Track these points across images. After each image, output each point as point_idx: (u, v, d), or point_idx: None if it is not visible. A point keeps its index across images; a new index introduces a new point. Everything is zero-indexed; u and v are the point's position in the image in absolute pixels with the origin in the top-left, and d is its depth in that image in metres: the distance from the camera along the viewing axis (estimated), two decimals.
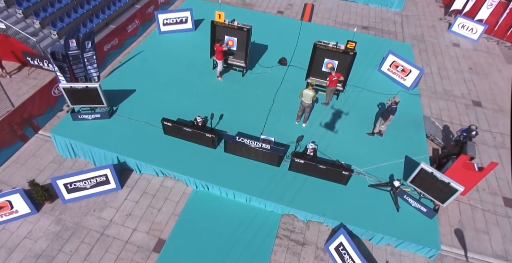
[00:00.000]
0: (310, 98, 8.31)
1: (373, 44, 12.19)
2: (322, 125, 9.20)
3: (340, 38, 9.37)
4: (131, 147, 8.30)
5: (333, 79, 8.98)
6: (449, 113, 10.80)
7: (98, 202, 8.10)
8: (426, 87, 11.64)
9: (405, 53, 11.68)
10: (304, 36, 12.14)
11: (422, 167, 6.94)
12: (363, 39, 12.29)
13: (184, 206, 7.97)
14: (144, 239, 7.48)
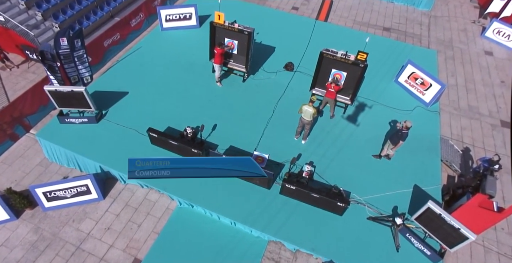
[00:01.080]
0: (309, 115, 7.48)
1: (393, 49, 11.00)
2: (324, 143, 8.35)
3: (356, 43, 8.26)
4: (116, 156, 7.81)
5: (329, 90, 8.09)
6: (472, 134, 9.62)
7: (78, 212, 7.75)
8: (448, 101, 10.43)
9: (428, 62, 10.48)
10: (316, 38, 11.12)
11: (429, 206, 6.04)
12: (382, 44, 11.16)
13: (166, 224, 7.46)
14: (119, 258, 7.07)
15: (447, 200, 7.81)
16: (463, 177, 8.34)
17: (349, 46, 8.37)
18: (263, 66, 10.08)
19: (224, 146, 8.08)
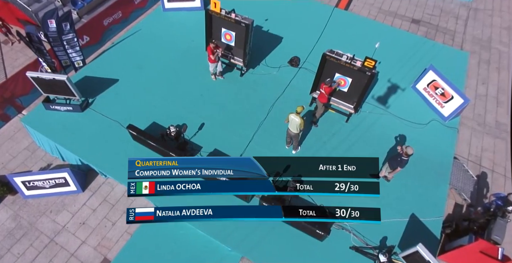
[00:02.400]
0: (295, 127, 6.69)
1: (418, 48, 9.60)
2: (318, 154, 7.55)
3: (376, 38, 7.06)
4: (96, 150, 7.49)
5: (321, 91, 7.19)
6: (493, 157, 8.40)
7: (57, 203, 7.67)
8: (472, 115, 9.12)
9: (457, 65, 9.08)
10: (331, 30, 9.89)
11: (418, 250, 5.29)
12: (406, 40, 9.76)
13: (139, 226, 7.21)
14: (89, 255, 6.98)
15: (448, 233, 6.95)
16: (472, 208, 7.38)
17: (367, 42, 7.23)
18: (266, 59, 9.14)
19: (208, 149, 7.53)
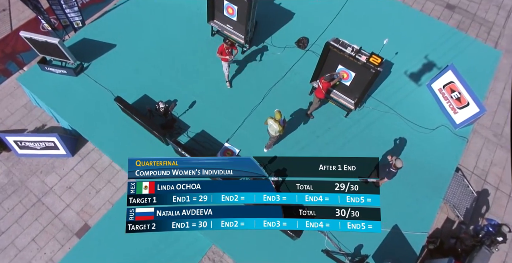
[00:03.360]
0: (274, 131, 6.28)
1: (446, 39, 8.47)
2: (307, 149, 7.17)
3: (401, 23, 6.27)
4: (85, 117, 7.44)
5: (318, 85, 6.62)
6: (502, 173, 7.68)
7: (47, 164, 7.90)
8: (490, 123, 8.24)
9: (485, 65, 8.02)
10: (349, 10, 8.81)
11: None
12: (434, 29, 8.61)
13: (121, 198, 7.37)
14: (72, 219, 7.30)
15: (432, 248, 6.65)
16: (464, 225, 6.95)
17: (388, 28, 6.46)
18: (272, 37, 8.40)
19: (195, 129, 7.31)
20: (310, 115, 7.41)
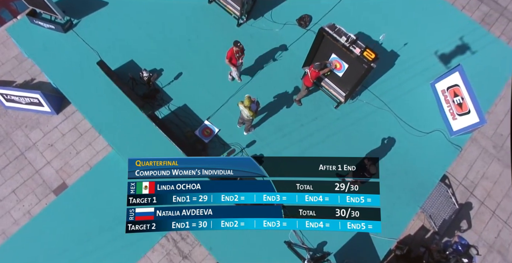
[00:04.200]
0: (246, 115, 6.03)
1: (465, 34, 7.43)
2: (289, 137, 6.89)
3: (417, 10, 5.60)
4: (70, 78, 7.29)
5: (307, 73, 6.17)
6: (492, 188, 7.25)
7: (32, 120, 7.97)
8: (493, 133, 7.61)
9: (502, 67, 7.20)
10: None
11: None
12: (454, 21, 7.60)
13: (99, 162, 7.47)
14: (51, 176, 7.52)
15: (398, 254, 6.57)
16: (438, 236, 6.78)
17: (402, 13, 5.79)
18: (272, 11, 7.67)
19: (177, 103, 7.09)
20: (298, 102, 7.02)
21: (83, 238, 6.90)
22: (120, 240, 6.92)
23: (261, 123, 7.01)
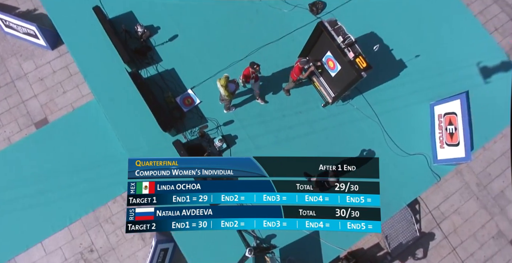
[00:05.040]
0: (221, 94, 5.84)
1: (486, 59, 6.58)
2: (267, 124, 6.66)
3: (444, 23, 4.98)
4: (67, 16, 7.10)
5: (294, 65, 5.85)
6: (462, 225, 6.94)
7: (28, 50, 8.00)
8: (481, 171, 7.12)
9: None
10: None
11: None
12: (479, 43, 6.76)
13: (82, 106, 7.57)
14: (35, 110, 7.71)
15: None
16: (390, 256, 6.74)
17: (425, 21, 5.34)
18: None
19: (166, 65, 6.90)
20: (286, 92, 6.71)
21: (52, 174, 7.25)
22: (85, 184, 7.27)
23: (244, 105, 6.80)
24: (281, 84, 6.74)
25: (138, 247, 7.40)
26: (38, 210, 7.13)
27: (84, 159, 7.28)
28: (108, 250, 7.33)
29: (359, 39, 5.43)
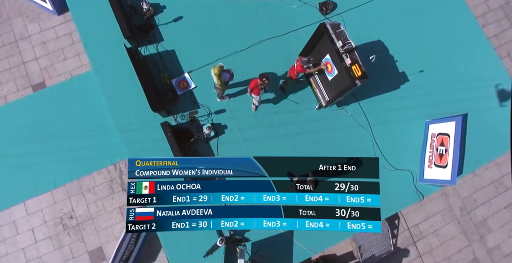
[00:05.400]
0: (214, 82, 5.77)
1: (493, 84, 6.37)
2: (259, 118, 6.59)
3: (460, 44, 4.82)
4: None
5: (294, 64, 5.68)
6: (438, 247, 6.88)
7: (35, 12, 7.96)
8: (467, 195, 6.97)
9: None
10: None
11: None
12: (489, 67, 6.48)
13: (80, 75, 7.59)
14: (34, 72, 7.75)
15: None
16: None
17: (441, 40, 5.10)
18: None
19: (167, 46, 6.78)
20: (282, 89, 6.58)
21: (42, 138, 7.36)
22: (73, 152, 7.38)
23: (238, 96, 6.71)
24: (279, 80, 6.60)
25: (116, 220, 7.54)
26: (25, 171, 7.28)
27: (75, 128, 7.35)
28: (87, 219, 7.48)
29: (363, 47, 5.26)
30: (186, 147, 6.51)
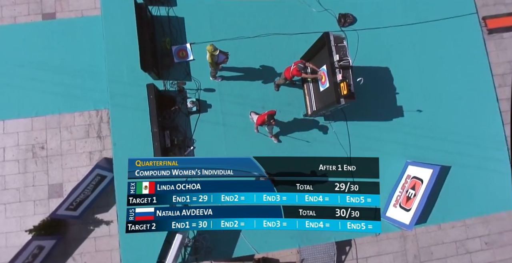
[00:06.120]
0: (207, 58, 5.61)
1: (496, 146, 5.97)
2: (240, 106, 6.42)
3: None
4: None
5: (292, 67, 5.43)
6: None
7: None
8: (425, 245, 6.64)
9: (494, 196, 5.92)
10: None
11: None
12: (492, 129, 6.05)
13: (91, 16, 7.54)
14: (48, 1, 7.74)
15: None
16: None
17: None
18: None
19: (177, 12, 6.61)
20: (276, 87, 6.33)
21: (37, 65, 7.41)
22: (62, 87, 7.45)
23: (231, 81, 6.53)
24: (275, 77, 6.35)
25: (83, 163, 7.64)
26: (13, 92, 7.41)
27: (70, 65, 7.37)
28: (56, 154, 7.61)
29: (366, 69, 4.93)
30: (166, 114, 6.47)
